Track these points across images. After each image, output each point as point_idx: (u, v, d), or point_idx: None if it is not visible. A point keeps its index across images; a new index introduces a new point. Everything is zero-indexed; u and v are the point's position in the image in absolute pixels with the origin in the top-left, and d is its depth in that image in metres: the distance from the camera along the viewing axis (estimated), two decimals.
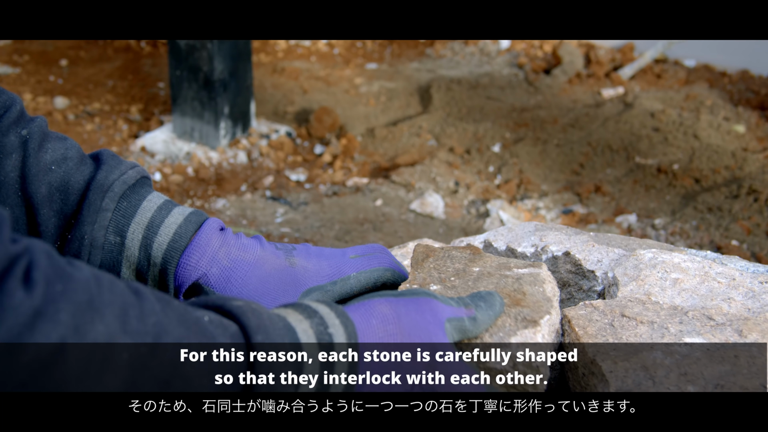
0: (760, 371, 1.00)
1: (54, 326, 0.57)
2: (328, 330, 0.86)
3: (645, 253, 1.30)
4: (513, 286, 1.18)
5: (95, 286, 0.62)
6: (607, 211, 3.77)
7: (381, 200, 3.91)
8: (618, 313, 1.14)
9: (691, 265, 1.26)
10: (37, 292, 0.57)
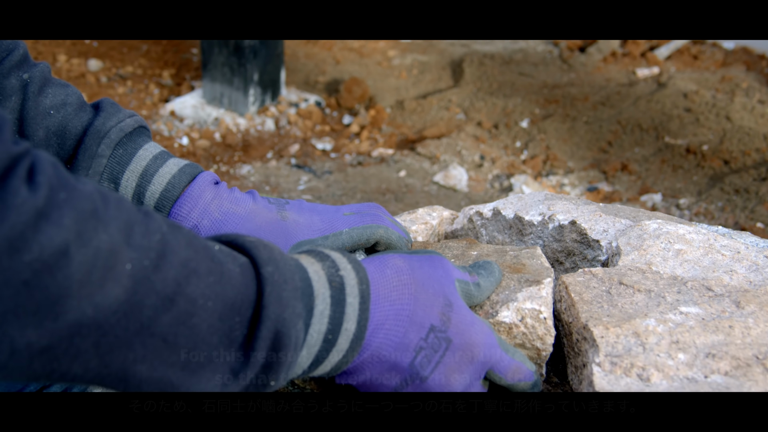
0: (754, 342, 0.98)
1: (57, 230, 0.57)
2: (339, 272, 0.85)
3: (650, 224, 1.28)
4: (512, 260, 1.19)
5: (101, 199, 0.62)
6: (633, 190, 3.73)
7: (405, 171, 3.90)
8: (616, 281, 1.13)
9: (695, 237, 1.24)
10: (41, 194, 0.57)
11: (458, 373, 0.93)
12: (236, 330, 0.73)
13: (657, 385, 0.93)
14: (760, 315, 1.03)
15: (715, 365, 0.95)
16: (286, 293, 0.76)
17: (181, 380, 0.70)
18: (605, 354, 0.98)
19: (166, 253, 0.66)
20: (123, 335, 0.64)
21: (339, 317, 0.83)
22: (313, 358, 0.83)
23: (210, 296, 0.70)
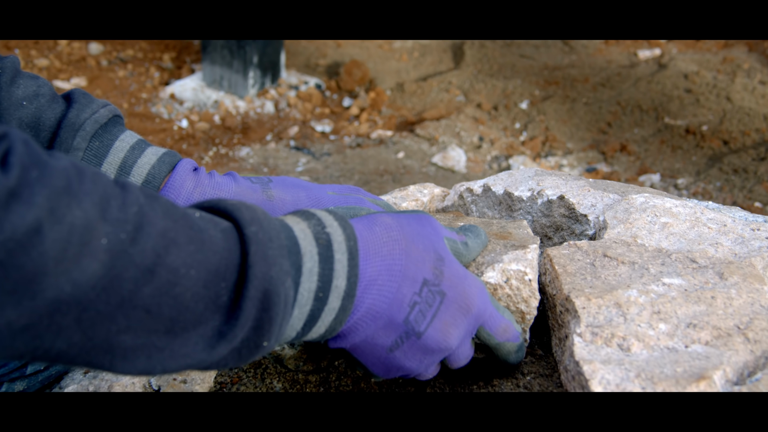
0: (736, 312, 0.98)
1: (28, 208, 0.57)
2: (325, 229, 0.84)
3: (637, 198, 1.28)
4: (499, 229, 1.20)
5: (75, 175, 0.62)
6: (631, 170, 3.72)
7: (403, 153, 3.89)
8: (600, 254, 1.13)
9: (682, 210, 1.24)
10: (12, 175, 0.57)
11: (453, 327, 0.92)
12: (222, 296, 0.72)
13: (637, 354, 0.93)
14: (743, 286, 1.03)
15: (696, 335, 0.95)
16: (272, 251, 0.75)
17: (165, 343, 0.69)
18: (586, 324, 0.98)
19: (143, 225, 0.66)
20: (104, 309, 0.63)
21: (328, 274, 0.82)
22: (306, 318, 0.82)
23: (192, 264, 0.69)
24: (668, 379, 0.87)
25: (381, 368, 0.92)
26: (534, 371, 1.07)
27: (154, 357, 0.69)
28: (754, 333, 0.95)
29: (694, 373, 0.88)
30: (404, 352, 0.90)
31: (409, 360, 0.91)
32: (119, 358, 0.67)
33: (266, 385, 1.09)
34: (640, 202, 1.26)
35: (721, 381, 0.88)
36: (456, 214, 1.29)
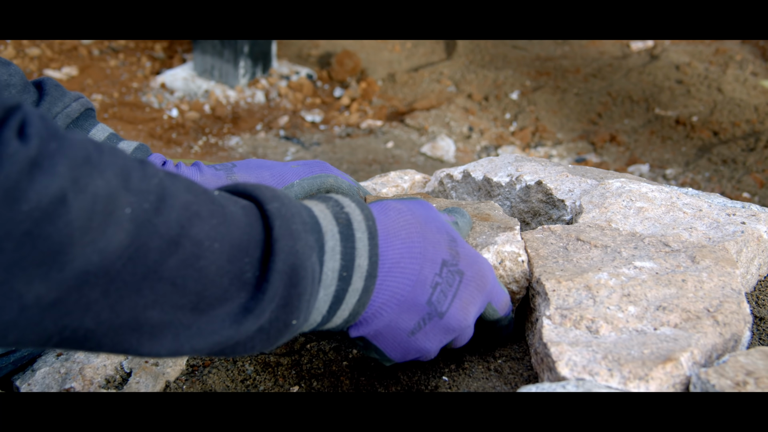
0: (706, 296, 0.98)
1: (52, 178, 0.56)
2: (344, 209, 0.84)
3: (613, 183, 1.28)
4: (475, 211, 1.20)
5: (94, 148, 0.62)
6: (621, 161, 3.72)
7: (392, 142, 3.89)
8: (573, 237, 1.12)
9: (658, 195, 1.24)
10: (33, 145, 0.56)
11: (472, 305, 0.92)
12: (247, 272, 0.71)
13: (606, 337, 0.93)
14: (715, 269, 1.03)
15: (665, 317, 0.95)
16: (296, 226, 0.75)
17: (191, 320, 0.68)
18: (556, 307, 0.98)
19: (165, 197, 0.65)
20: (131, 281, 0.62)
21: (350, 252, 0.81)
22: (331, 300, 0.81)
23: (216, 238, 0.68)
24: (635, 361, 0.87)
25: (399, 352, 0.91)
26: (506, 354, 1.07)
27: (182, 335, 0.68)
28: (724, 316, 0.95)
29: (661, 355, 0.88)
30: (426, 333, 0.90)
31: (429, 341, 0.91)
32: (147, 337, 0.66)
33: (237, 367, 1.08)
34: (616, 187, 1.26)
35: (688, 363, 0.88)
36: (423, 195, 1.29)
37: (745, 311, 0.97)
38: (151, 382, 1.06)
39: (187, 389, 1.05)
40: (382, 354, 0.92)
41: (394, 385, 1.04)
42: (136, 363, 1.10)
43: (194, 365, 1.10)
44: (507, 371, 1.03)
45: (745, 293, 1.17)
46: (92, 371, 1.08)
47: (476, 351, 1.08)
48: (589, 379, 0.86)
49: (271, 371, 1.08)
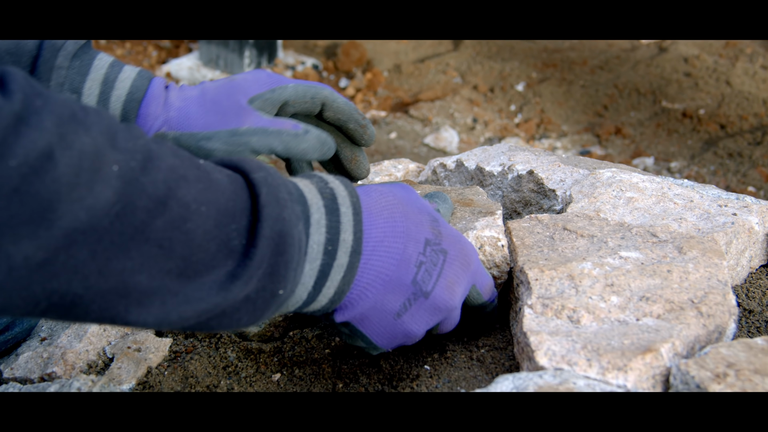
0: (691, 287, 0.97)
1: (39, 133, 0.56)
2: (328, 185, 0.84)
3: (604, 172, 1.27)
4: (458, 196, 1.19)
5: (79, 107, 0.61)
6: (626, 153, 3.70)
7: (395, 133, 3.88)
8: (560, 227, 1.11)
9: (649, 185, 1.23)
10: (16, 99, 0.56)
11: (457, 284, 0.91)
12: (234, 239, 0.70)
13: (587, 326, 0.92)
14: (702, 260, 1.02)
15: (648, 308, 0.94)
16: (282, 195, 0.74)
17: (179, 287, 0.67)
18: (537, 296, 0.97)
19: (152, 158, 0.65)
20: (118, 241, 0.62)
21: (336, 227, 0.81)
22: (316, 275, 0.80)
23: (202, 201, 0.68)
24: (614, 351, 0.86)
25: (386, 337, 0.90)
26: (489, 344, 1.06)
27: (169, 302, 0.67)
28: (708, 307, 0.94)
29: (641, 346, 0.87)
30: (412, 315, 0.89)
31: (416, 323, 0.90)
32: (135, 304, 0.65)
33: (220, 354, 1.08)
34: (607, 177, 1.25)
35: (669, 354, 0.87)
36: (409, 183, 1.28)
37: (731, 303, 0.95)
38: (132, 367, 1.05)
39: (168, 375, 1.05)
40: (368, 341, 0.91)
41: (376, 373, 1.03)
42: (119, 348, 1.09)
43: (177, 351, 1.09)
44: (489, 361, 1.02)
45: (735, 285, 1.16)
46: (74, 356, 1.08)
47: (460, 340, 1.07)
48: (567, 369, 0.85)
49: (253, 358, 1.08)
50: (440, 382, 0.99)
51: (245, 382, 1.04)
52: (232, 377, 1.05)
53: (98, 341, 1.10)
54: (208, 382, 1.04)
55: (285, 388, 1.03)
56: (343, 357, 1.07)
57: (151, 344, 1.09)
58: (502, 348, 1.04)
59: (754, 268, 1.20)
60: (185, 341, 1.11)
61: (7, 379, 1.09)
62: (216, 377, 1.05)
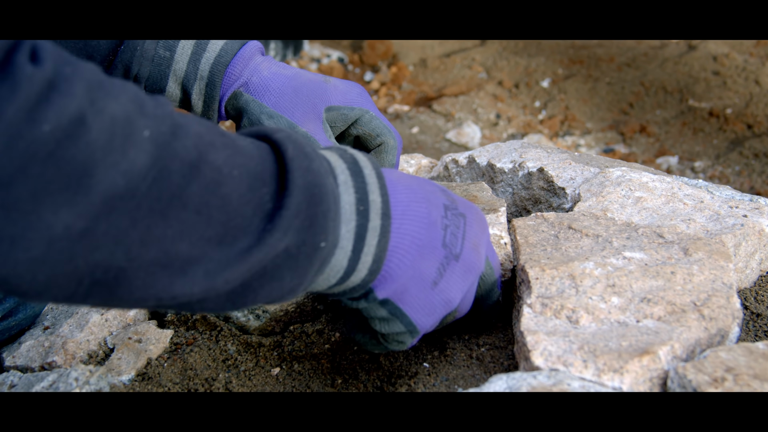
0: (695, 289, 0.95)
1: (70, 99, 0.57)
2: (348, 152, 0.84)
3: (614, 171, 1.25)
4: (463, 192, 1.18)
5: (105, 77, 0.62)
6: (650, 152, 3.66)
7: (417, 128, 3.86)
8: (566, 226, 1.10)
9: (659, 185, 1.21)
10: (47, 67, 0.56)
11: (481, 245, 0.91)
12: (267, 202, 0.70)
13: (585, 327, 0.91)
14: (707, 262, 1.00)
15: (649, 310, 0.92)
16: (308, 149, 0.74)
17: (220, 255, 0.67)
18: (537, 295, 0.96)
19: (180, 124, 0.65)
20: (157, 207, 0.62)
21: (363, 188, 0.80)
22: (354, 238, 0.79)
23: (233, 166, 0.68)
24: (611, 353, 0.85)
25: (425, 312, 0.88)
26: (490, 342, 1.05)
27: (212, 269, 0.67)
28: (710, 310, 0.92)
29: (639, 348, 0.85)
30: (447, 280, 0.88)
31: (452, 289, 0.88)
32: (179, 274, 0.65)
33: (220, 347, 1.08)
34: (616, 176, 1.24)
35: (668, 357, 0.85)
36: None
37: (735, 306, 0.94)
38: (132, 358, 1.05)
39: (168, 367, 1.05)
40: (408, 321, 0.88)
41: (375, 370, 1.03)
42: (120, 339, 1.09)
43: (177, 343, 1.09)
44: (488, 360, 1.01)
45: (744, 288, 1.14)
46: (75, 345, 1.08)
47: (461, 338, 1.06)
48: (563, 370, 0.84)
49: (253, 352, 1.08)
50: (438, 380, 0.98)
51: (244, 375, 1.04)
52: (231, 370, 1.05)
53: (99, 331, 1.11)
54: (207, 375, 1.04)
55: (284, 383, 1.03)
56: (342, 353, 1.06)
57: (152, 335, 1.09)
58: (502, 347, 1.03)
59: (765, 271, 1.18)
60: (186, 333, 1.11)
61: (9, 367, 1.10)
62: (215, 370, 1.05)
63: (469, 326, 1.06)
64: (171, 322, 1.13)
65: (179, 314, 1.13)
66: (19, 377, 1.05)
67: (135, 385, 1.01)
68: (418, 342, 1.05)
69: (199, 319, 1.10)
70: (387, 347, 0.92)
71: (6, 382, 1.04)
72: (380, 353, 1.04)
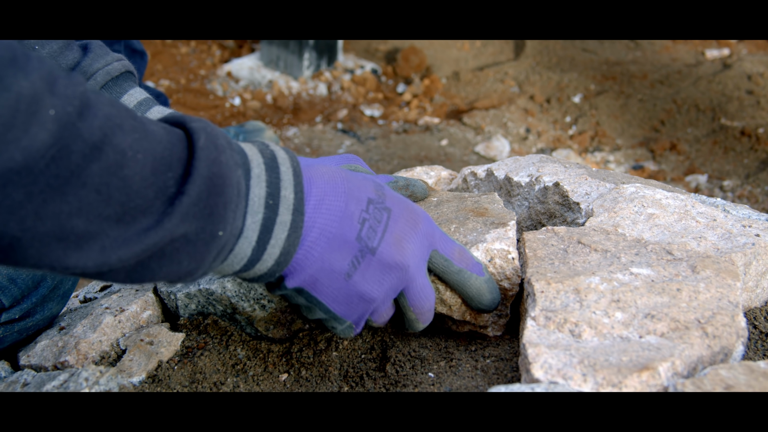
0: (700, 306, 0.95)
1: None
2: (269, 147, 0.85)
3: (627, 187, 1.25)
4: (474, 204, 1.19)
5: (22, 53, 0.64)
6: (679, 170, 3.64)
7: (447, 140, 3.87)
8: (575, 240, 1.10)
9: (672, 202, 1.21)
10: None
11: (406, 241, 0.91)
12: (171, 187, 0.72)
13: (587, 341, 0.91)
14: (714, 281, 1.00)
15: (652, 326, 0.92)
16: (221, 142, 0.76)
17: (117, 232, 0.69)
18: (541, 308, 0.96)
19: (90, 105, 0.67)
20: (54, 183, 0.64)
21: (276, 183, 0.82)
22: (259, 229, 0.81)
23: (138, 149, 0.69)
24: (611, 367, 0.85)
25: (342, 302, 0.90)
26: (495, 354, 1.05)
27: (108, 246, 0.69)
28: (714, 328, 0.92)
29: (639, 364, 0.85)
30: (362, 273, 0.89)
31: (368, 283, 0.90)
32: (73, 248, 0.67)
33: (230, 351, 1.09)
34: (630, 192, 1.24)
35: (668, 373, 0.85)
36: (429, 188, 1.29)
37: (740, 325, 0.94)
38: (144, 360, 1.07)
39: (178, 370, 1.06)
40: (326, 309, 0.91)
41: (382, 378, 1.03)
42: (132, 341, 1.11)
43: (189, 347, 1.11)
44: (492, 371, 1.02)
45: (754, 307, 1.14)
46: (87, 346, 1.10)
47: (467, 349, 1.07)
48: (562, 383, 0.85)
49: (262, 357, 1.09)
50: (441, 390, 0.99)
51: (252, 380, 1.06)
52: (240, 375, 1.06)
53: (112, 332, 1.13)
54: (215, 379, 1.05)
55: (291, 389, 1.04)
56: (350, 360, 1.07)
57: (163, 338, 1.11)
58: (507, 359, 1.04)
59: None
60: (198, 337, 1.12)
61: (23, 366, 1.12)
62: (223, 374, 1.06)
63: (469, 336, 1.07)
64: (183, 326, 1.15)
65: (191, 319, 1.15)
66: (33, 376, 1.07)
67: (144, 386, 1.03)
68: (425, 352, 1.06)
69: (210, 323, 1.12)
70: (337, 334, 0.95)
71: (20, 381, 1.07)
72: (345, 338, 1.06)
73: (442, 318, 1.11)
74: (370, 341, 1.09)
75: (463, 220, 1.14)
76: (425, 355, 1.06)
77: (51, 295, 1.16)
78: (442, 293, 1.05)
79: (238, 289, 1.11)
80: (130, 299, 1.18)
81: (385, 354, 1.06)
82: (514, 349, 1.06)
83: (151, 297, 1.19)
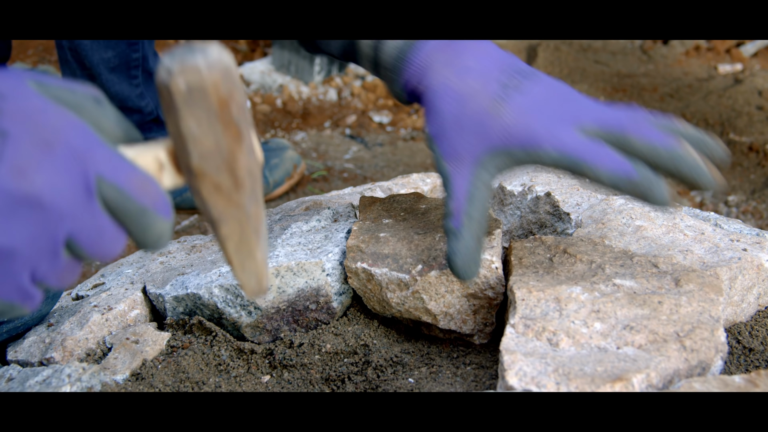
0: (680, 320, 0.95)
1: None
2: None
3: (616, 200, 1.26)
4: None
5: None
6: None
7: None
8: (561, 250, 1.11)
9: (660, 214, 1.21)
10: None
11: (32, 168, 0.64)
12: None
13: (564, 350, 0.91)
14: (697, 294, 1.00)
15: (630, 337, 0.93)
16: None
17: None
18: (521, 316, 0.96)
19: None
20: None
21: None
22: None
23: None
24: (584, 377, 0.85)
25: None
26: (477, 362, 1.06)
27: None
28: (693, 342, 0.92)
29: (613, 374, 0.86)
30: None
31: None
32: None
33: (213, 352, 1.10)
34: (619, 204, 1.24)
35: (642, 385, 0.86)
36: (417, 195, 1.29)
37: (719, 339, 0.94)
38: (128, 358, 1.08)
39: (161, 369, 1.07)
40: None
41: (363, 382, 1.04)
42: (118, 339, 1.12)
43: (174, 346, 1.12)
44: (471, 378, 1.02)
45: (739, 322, 1.14)
46: (73, 343, 1.11)
47: (450, 356, 1.07)
48: (535, 391, 0.85)
49: (245, 358, 1.10)
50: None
51: (234, 381, 1.06)
52: (222, 375, 1.07)
53: (99, 330, 1.13)
54: (198, 378, 1.06)
55: (272, 390, 1.05)
56: (332, 364, 1.08)
57: (149, 337, 1.12)
58: (488, 366, 1.04)
59: (764, 306, 1.17)
60: (183, 337, 1.13)
61: (11, 361, 1.13)
62: (206, 374, 1.07)
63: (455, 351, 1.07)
64: (170, 326, 1.15)
65: (178, 319, 1.15)
66: (18, 371, 1.08)
67: (128, 384, 1.04)
68: (409, 357, 1.07)
69: (196, 323, 1.13)
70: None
71: (5, 375, 1.07)
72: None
73: (428, 326, 1.11)
74: (354, 345, 1.09)
75: None
76: (407, 361, 1.07)
77: None
78: (427, 303, 1.06)
79: (225, 295, 1.11)
80: (118, 298, 1.19)
81: (368, 358, 1.07)
82: (495, 357, 1.06)
83: (139, 296, 1.20)
